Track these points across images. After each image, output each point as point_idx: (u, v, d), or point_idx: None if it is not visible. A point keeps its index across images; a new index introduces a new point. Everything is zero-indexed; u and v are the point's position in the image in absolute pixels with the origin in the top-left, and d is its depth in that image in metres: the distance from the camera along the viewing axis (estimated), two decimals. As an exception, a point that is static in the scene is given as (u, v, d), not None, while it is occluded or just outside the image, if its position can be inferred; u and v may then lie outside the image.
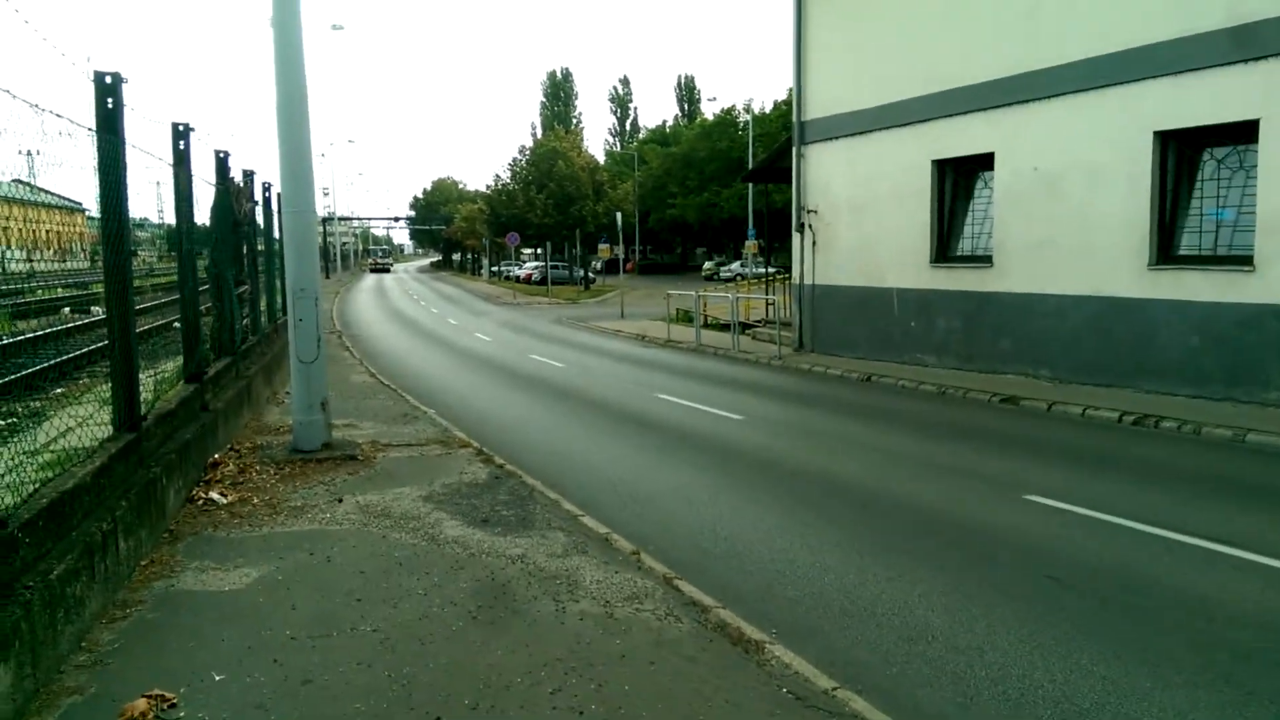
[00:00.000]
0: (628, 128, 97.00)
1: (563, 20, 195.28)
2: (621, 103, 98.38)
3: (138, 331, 6.60)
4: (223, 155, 10.58)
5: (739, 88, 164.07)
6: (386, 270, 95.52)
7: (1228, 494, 8.21)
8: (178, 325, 8.81)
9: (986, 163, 15.08)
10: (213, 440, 8.59)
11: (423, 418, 11.66)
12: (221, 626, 4.97)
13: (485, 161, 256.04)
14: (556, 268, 57.32)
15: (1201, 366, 12.02)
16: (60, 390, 9.57)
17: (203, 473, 7.94)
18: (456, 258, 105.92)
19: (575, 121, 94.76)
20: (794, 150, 18.92)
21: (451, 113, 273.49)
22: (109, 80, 5.94)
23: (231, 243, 10.77)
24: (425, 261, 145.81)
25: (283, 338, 12.08)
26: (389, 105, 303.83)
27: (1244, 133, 11.56)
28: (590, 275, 55.92)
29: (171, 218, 8.70)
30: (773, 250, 34.03)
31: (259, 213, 13.76)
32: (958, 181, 15.98)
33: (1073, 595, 5.70)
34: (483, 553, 6.26)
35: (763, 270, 32.08)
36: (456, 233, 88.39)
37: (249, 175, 12.66)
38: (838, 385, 15.36)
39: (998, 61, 14.47)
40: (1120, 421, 11.28)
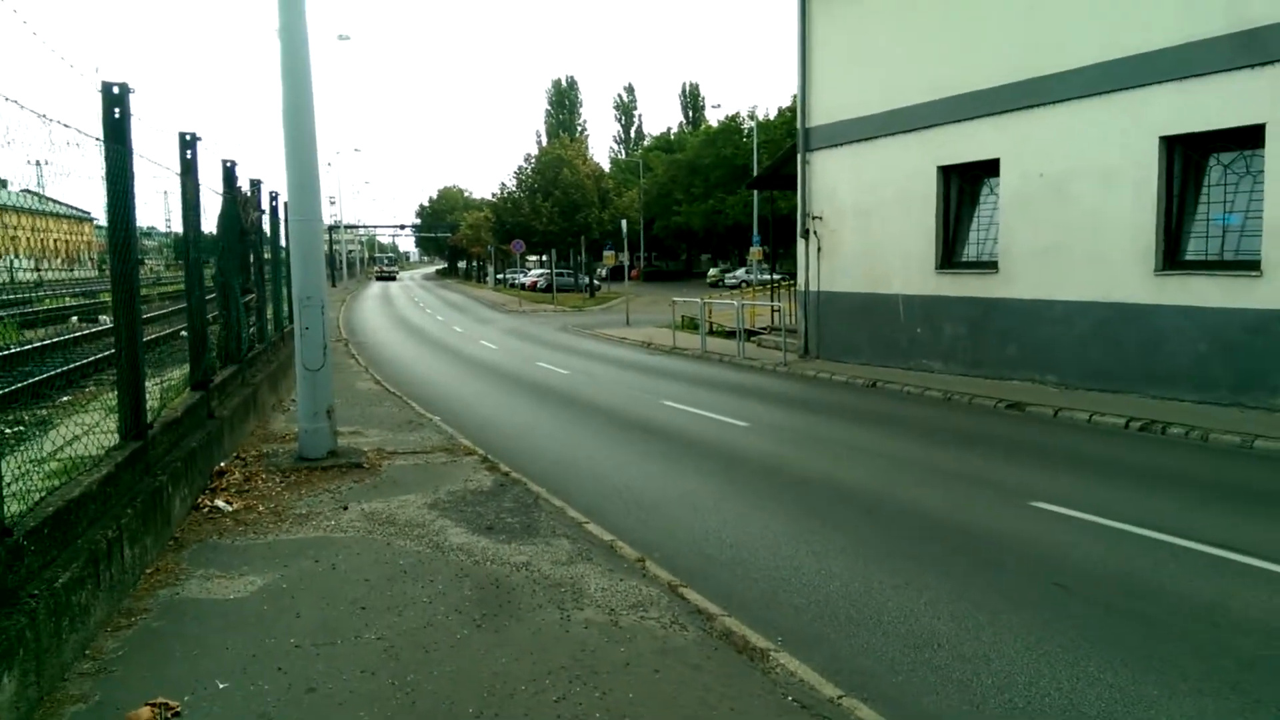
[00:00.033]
0: (633, 135, 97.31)
1: (568, 29, 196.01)
2: (626, 110, 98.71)
3: (145, 340, 6.62)
4: (230, 164, 10.63)
5: (743, 95, 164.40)
6: (393, 278, 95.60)
7: (1235, 500, 8.17)
8: (184, 333, 8.85)
9: (992, 168, 15.07)
10: (219, 448, 8.61)
11: (428, 425, 11.68)
12: (226, 634, 4.97)
13: (491, 170, 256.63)
14: (562, 275, 57.38)
15: (1209, 372, 11.97)
16: (67, 398, 9.61)
17: (208, 480, 7.96)
18: (462, 265, 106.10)
19: (580, 129, 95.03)
20: (799, 157, 18.94)
21: (457, 121, 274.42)
22: (116, 90, 5.97)
23: (238, 251, 10.81)
24: (431, 269, 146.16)
25: (289, 345, 12.12)
26: (395, 114, 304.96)
27: (1251, 137, 11.54)
28: (595, 282, 55.96)
29: (179, 226, 8.74)
30: (778, 257, 34.00)
31: (266, 221, 13.81)
32: (963, 187, 15.98)
33: (1079, 602, 5.68)
34: (487, 560, 6.26)
35: (768, 277, 32.10)
36: (462, 240, 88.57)
37: (256, 184, 12.71)
38: (843, 391, 15.34)
39: (1003, 67, 14.47)
40: (1127, 427, 11.24)
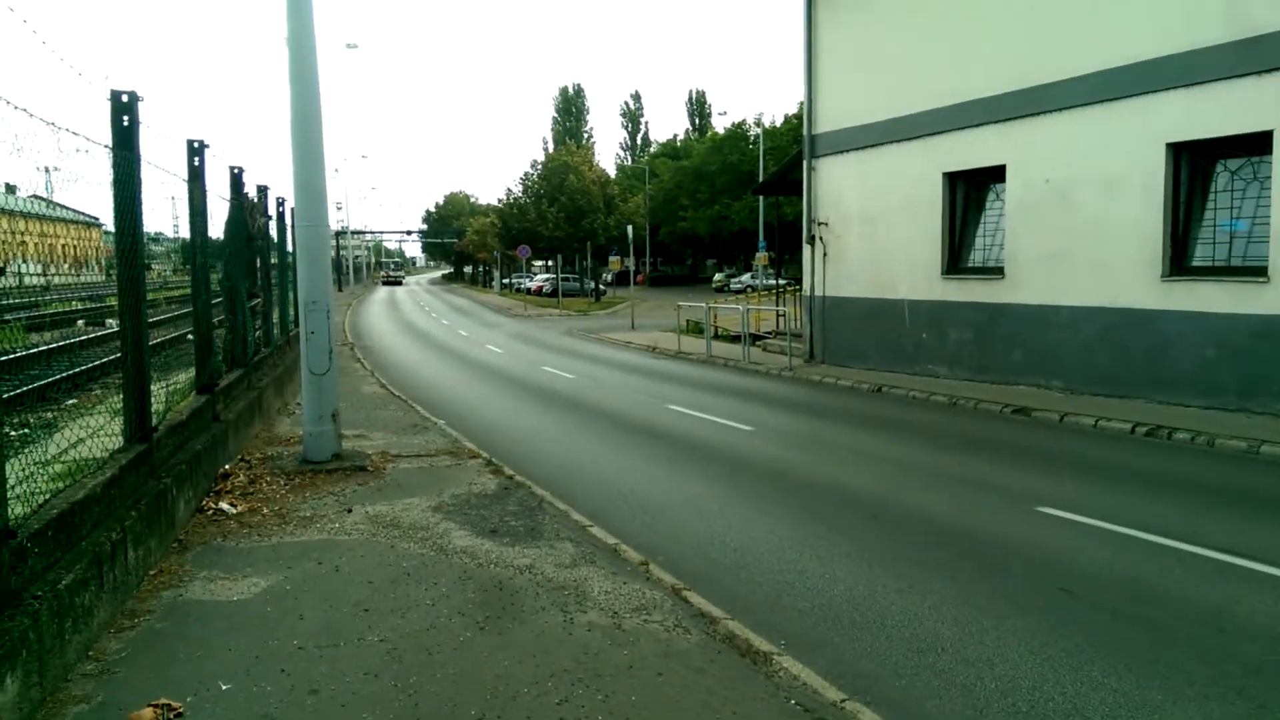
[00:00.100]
0: (639, 142, 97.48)
1: (575, 37, 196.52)
2: (633, 117, 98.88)
3: (151, 343, 6.65)
4: (237, 171, 10.68)
5: (750, 102, 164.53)
6: (399, 283, 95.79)
7: (1241, 505, 8.14)
8: (191, 337, 8.88)
9: (998, 175, 15.06)
10: (223, 451, 8.63)
11: (433, 428, 11.69)
12: (229, 636, 4.98)
13: (497, 176, 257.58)
14: (567, 280, 57.43)
15: (1215, 378, 11.93)
16: (73, 401, 9.64)
17: (213, 483, 7.98)
18: (468, 270, 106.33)
19: (587, 136, 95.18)
20: (805, 163, 18.94)
21: (464, 128, 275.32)
22: (125, 98, 6.01)
23: (245, 256, 10.86)
24: (437, 274, 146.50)
25: (295, 350, 12.15)
26: (402, 121, 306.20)
27: (1258, 144, 11.51)
28: (601, 287, 56.01)
29: (186, 231, 8.78)
30: (783, 262, 34.01)
31: (273, 227, 13.86)
32: (969, 193, 15.96)
33: (1084, 607, 5.65)
34: (491, 563, 6.26)
35: (773, 282, 32.09)
36: (468, 246, 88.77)
37: (263, 190, 12.77)
38: (848, 396, 15.32)
39: (1009, 74, 14.47)
40: (1133, 433, 11.20)
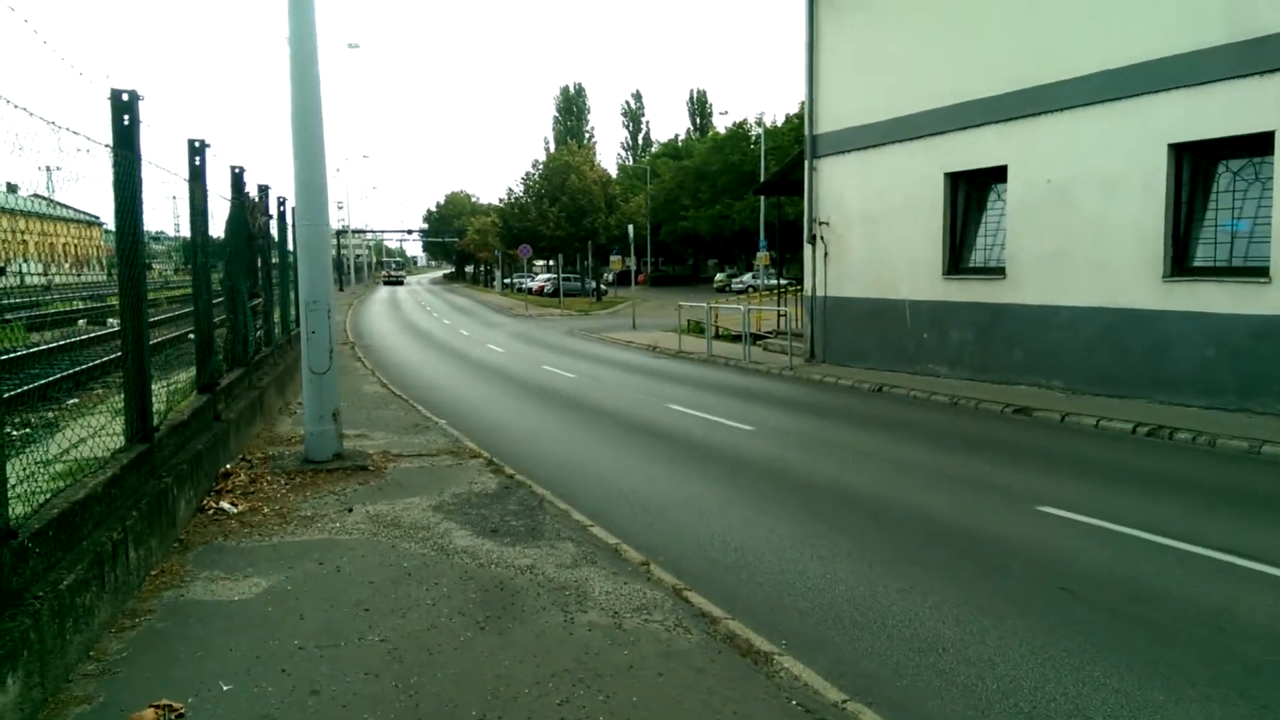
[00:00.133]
0: (640, 141, 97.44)
1: (576, 36, 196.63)
2: (634, 117, 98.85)
3: (152, 343, 6.65)
4: (238, 170, 10.68)
5: (751, 101, 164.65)
6: (400, 283, 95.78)
7: (1242, 505, 8.13)
8: (192, 336, 8.88)
9: (999, 175, 15.05)
10: (224, 450, 8.63)
11: (434, 428, 11.69)
12: (230, 636, 4.98)
13: (498, 175, 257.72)
14: (569, 280, 57.46)
15: (1216, 378, 11.93)
16: (74, 401, 9.65)
17: (214, 482, 7.98)
18: (469, 270, 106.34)
19: (588, 135, 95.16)
20: (806, 163, 18.94)
21: (465, 127, 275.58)
22: (125, 97, 6.01)
23: (246, 256, 10.86)
24: (438, 274, 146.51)
25: (296, 349, 12.15)
26: (403, 120, 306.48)
27: (1259, 145, 11.51)
28: (602, 287, 56.01)
29: (187, 230, 8.78)
30: (784, 262, 34.02)
31: (274, 226, 13.86)
32: (970, 194, 15.95)
33: (1085, 607, 5.65)
34: (491, 563, 6.26)
35: (774, 282, 32.08)
36: (469, 245, 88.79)
37: (264, 189, 12.77)
38: (849, 396, 15.32)
39: (1010, 74, 14.46)
40: (1134, 433, 11.20)
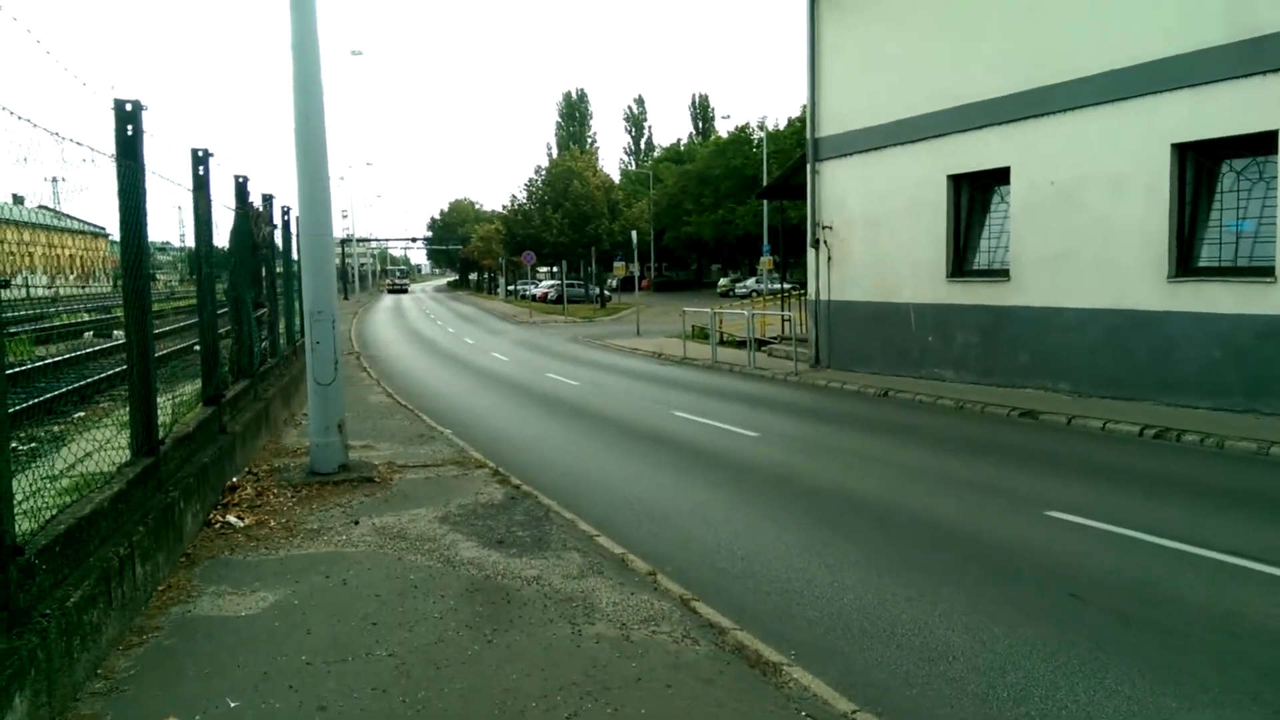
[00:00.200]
0: (642, 146, 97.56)
1: (578, 42, 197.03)
2: (636, 122, 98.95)
3: (157, 355, 6.66)
4: (242, 180, 10.70)
5: (753, 105, 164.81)
6: (404, 291, 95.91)
7: (1251, 508, 8.08)
8: (197, 348, 8.89)
9: (1002, 177, 15.03)
10: (230, 463, 8.63)
11: (439, 438, 11.68)
12: (237, 652, 4.97)
13: (502, 182, 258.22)
14: (572, 286, 57.48)
15: (1223, 379, 11.88)
16: (81, 414, 9.66)
17: (220, 496, 7.98)
18: (473, 277, 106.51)
19: (590, 141, 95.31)
20: (808, 166, 18.92)
21: (468, 135, 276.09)
22: (129, 108, 6.02)
23: (250, 266, 10.87)
24: (442, 281, 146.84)
25: (301, 360, 12.17)
26: (407, 128, 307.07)
27: (1263, 144, 11.47)
28: (606, 293, 56.06)
29: (192, 241, 8.79)
30: (788, 266, 34.02)
31: (278, 236, 13.89)
32: (973, 196, 15.93)
33: (1095, 612, 5.62)
34: (498, 574, 6.24)
35: (778, 286, 32.05)
36: (473, 252, 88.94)
37: (268, 199, 12.79)
38: (854, 401, 15.29)
39: (1012, 76, 14.44)
40: (1141, 435, 11.16)
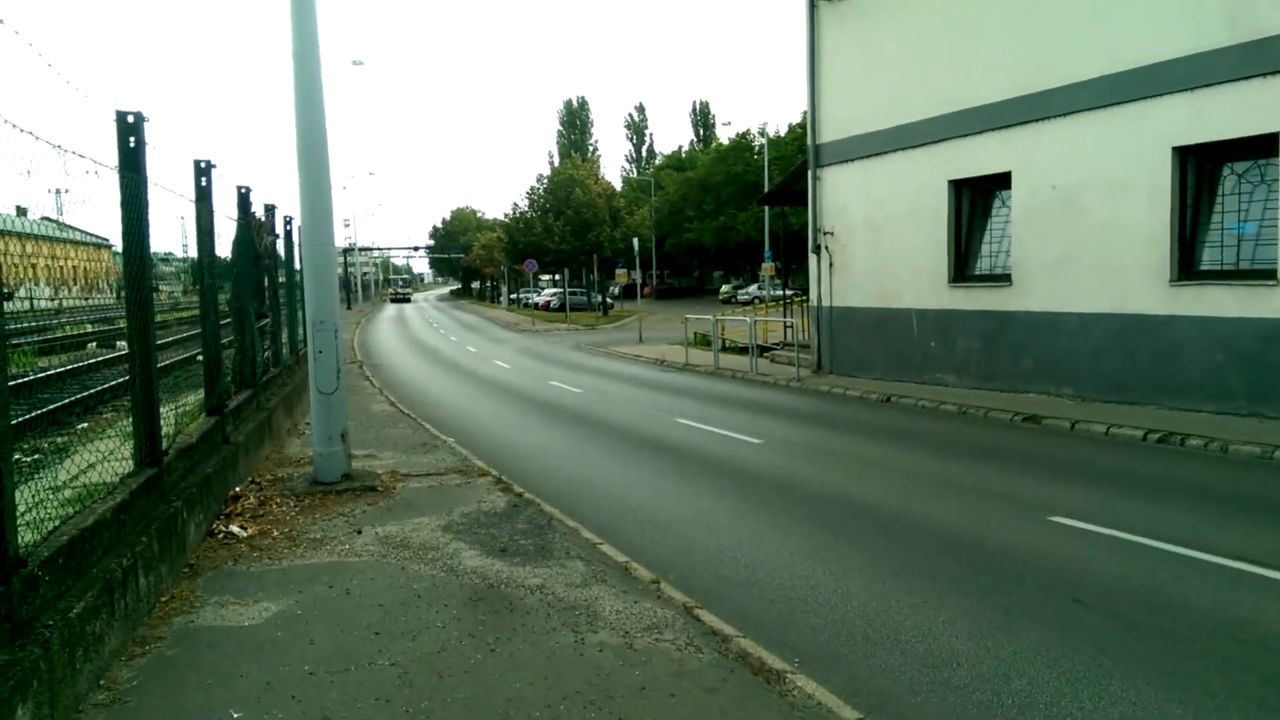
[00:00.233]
0: (644, 154, 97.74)
1: (579, 50, 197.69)
2: (637, 129, 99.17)
3: (160, 365, 6.66)
4: (244, 190, 10.73)
5: (754, 112, 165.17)
6: (407, 300, 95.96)
7: (1255, 512, 8.06)
8: (200, 358, 8.90)
9: (1003, 182, 15.04)
10: (233, 473, 8.63)
11: (442, 446, 11.68)
12: (240, 662, 4.96)
13: (503, 190, 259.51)
14: (575, 294, 57.50)
15: (1226, 382, 11.86)
16: (84, 425, 9.67)
17: (223, 506, 7.98)
18: (476, 286, 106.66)
19: (592, 149, 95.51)
20: (809, 173, 18.95)
21: (470, 143, 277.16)
22: (131, 119, 6.03)
23: (253, 276, 10.89)
24: (445, 290, 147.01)
25: (304, 369, 12.18)
26: (409, 137, 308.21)
27: (1264, 146, 11.48)
28: (608, 301, 56.11)
29: (194, 252, 8.80)
30: (790, 272, 34.05)
31: (280, 246, 13.91)
32: (975, 201, 15.94)
33: (1099, 618, 5.60)
34: (501, 583, 6.23)
35: (780, 293, 32.06)
36: (475, 261, 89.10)
37: (270, 209, 12.81)
38: (857, 406, 15.27)
39: (1012, 81, 14.46)
40: (1145, 440, 11.13)
